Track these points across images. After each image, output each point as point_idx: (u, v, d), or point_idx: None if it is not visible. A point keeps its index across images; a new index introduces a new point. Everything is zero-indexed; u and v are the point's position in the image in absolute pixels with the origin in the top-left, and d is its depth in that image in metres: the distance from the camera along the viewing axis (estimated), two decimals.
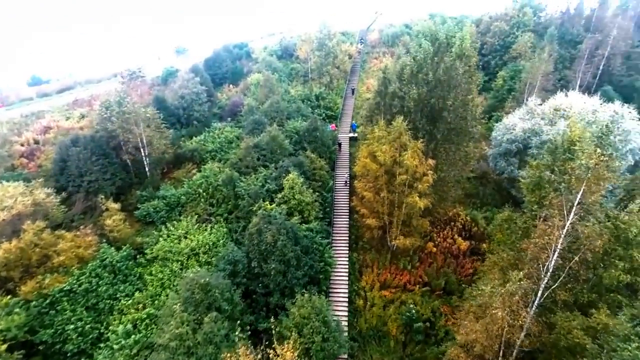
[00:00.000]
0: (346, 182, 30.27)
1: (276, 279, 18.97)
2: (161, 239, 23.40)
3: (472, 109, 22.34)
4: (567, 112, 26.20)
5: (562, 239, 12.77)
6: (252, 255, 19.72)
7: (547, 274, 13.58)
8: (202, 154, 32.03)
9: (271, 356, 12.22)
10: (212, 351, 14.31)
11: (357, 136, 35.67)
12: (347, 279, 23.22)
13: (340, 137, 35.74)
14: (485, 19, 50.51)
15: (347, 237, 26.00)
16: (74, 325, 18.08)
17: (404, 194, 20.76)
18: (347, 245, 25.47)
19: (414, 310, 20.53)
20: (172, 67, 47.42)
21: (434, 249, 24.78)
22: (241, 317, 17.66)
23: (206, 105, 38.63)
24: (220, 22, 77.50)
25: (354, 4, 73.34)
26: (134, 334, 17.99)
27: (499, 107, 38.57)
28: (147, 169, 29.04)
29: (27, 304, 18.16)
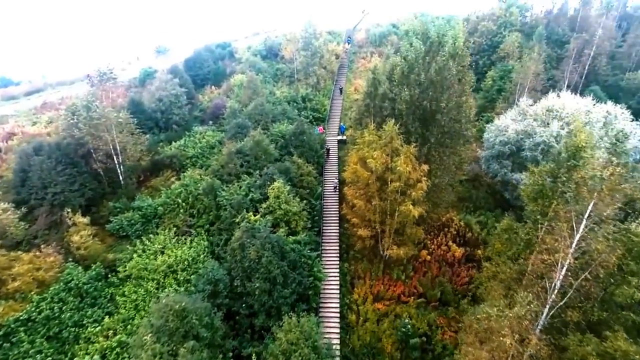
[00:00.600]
0: (335, 187, 28.91)
1: (261, 298, 17.41)
2: (135, 254, 21.39)
3: (466, 111, 21.36)
4: (560, 112, 25.62)
5: (571, 254, 11.74)
6: (235, 272, 18.12)
7: (554, 291, 12.55)
8: (181, 160, 30.05)
9: None
10: None
11: (345, 139, 34.40)
12: (338, 291, 21.85)
13: (328, 140, 34.34)
14: (472, 18, 50.16)
15: (338, 247, 24.61)
16: (32, 358, 16.02)
17: (396, 202, 19.56)
18: (338, 255, 24.09)
19: (409, 325, 19.37)
20: (151, 67, 45.04)
21: (428, 257, 23.72)
22: (223, 342, 16.10)
23: (186, 108, 36.65)
24: (203, 21, 75.18)
25: (340, 3, 72.20)
26: None
27: (489, 108, 38.02)
28: (121, 178, 26.93)
29: None
